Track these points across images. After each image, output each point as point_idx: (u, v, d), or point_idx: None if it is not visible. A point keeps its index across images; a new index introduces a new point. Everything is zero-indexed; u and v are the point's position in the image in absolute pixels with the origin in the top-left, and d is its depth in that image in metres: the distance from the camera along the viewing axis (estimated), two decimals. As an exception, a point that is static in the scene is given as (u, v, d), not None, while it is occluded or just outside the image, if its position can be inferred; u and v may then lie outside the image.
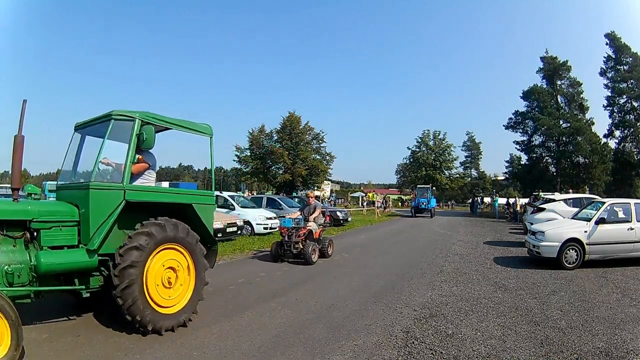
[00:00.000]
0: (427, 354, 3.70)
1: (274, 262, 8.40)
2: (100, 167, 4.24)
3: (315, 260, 8.28)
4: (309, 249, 8.15)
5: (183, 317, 4.20)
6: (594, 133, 30.70)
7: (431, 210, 27.74)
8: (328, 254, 9.08)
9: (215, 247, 5.09)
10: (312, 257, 8.17)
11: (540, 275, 7.44)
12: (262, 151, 33.91)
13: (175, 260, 4.24)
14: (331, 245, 9.42)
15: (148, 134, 4.12)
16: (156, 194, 4.39)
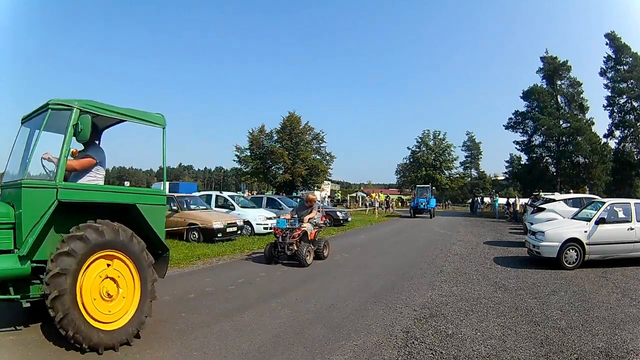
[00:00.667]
0: (427, 354, 3.70)
1: (268, 263, 8.19)
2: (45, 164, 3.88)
3: (309, 262, 8.06)
4: (303, 251, 7.92)
5: (126, 336, 3.65)
6: (594, 133, 30.70)
7: (431, 210, 27.14)
8: (324, 256, 8.85)
9: (167, 254, 4.53)
10: (306, 258, 7.95)
11: (540, 275, 7.44)
12: (262, 151, 33.90)
13: (115, 270, 3.72)
14: (327, 246, 9.16)
15: (84, 125, 3.64)
16: (93, 192, 3.85)
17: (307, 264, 7.95)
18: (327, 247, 9.19)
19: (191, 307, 5.12)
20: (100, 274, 3.62)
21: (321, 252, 8.78)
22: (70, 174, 4.14)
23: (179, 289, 6.12)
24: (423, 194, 28.49)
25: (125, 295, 3.77)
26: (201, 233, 11.37)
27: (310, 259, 8.13)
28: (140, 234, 3.96)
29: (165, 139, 4.63)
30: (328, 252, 9.13)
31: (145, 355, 3.57)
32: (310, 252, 8.19)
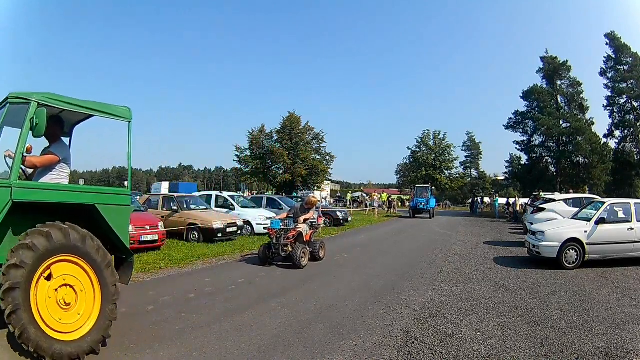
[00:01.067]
0: (427, 354, 3.70)
1: (262, 265, 7.95)
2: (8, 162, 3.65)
3: (304, 264, 7.84)
4: (298, 252, 7.71)
5: (91, 344, 3.42)
6: (594, 133, 30.68)
7: (430, 210, 26.50)
8: (320, 257, 8.59)
9: (131, 258, 4.22)
10: (301, 260, 7.75)
11: (540, 275, 7.44)
12: (262, 151, 33.90)
13: (72, 277, 3.45)
14: (323, 248, 8.90)
15: (39, 118, 3.39)
16: (50, 192, 3.60)
17: (302, 266, 7.75)
18: (323, 248, 8.94)
19: (191, 307, 5.12)
20: (56, 281, 3.36)
21: (317, 254, 8.52)
22: (35, 172, 3.98)
23: (179, 289, 6.12)
24: (423, 193, 27.81)
25: (86, 303, 3.53)
26: (201, 233, 11.37)
27: (305, 261, 7.92)
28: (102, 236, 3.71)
29: (131, 134, 4.26)
30: (324, 254, 8.89)
31: (145, 355, 3.57)
32: (305, 253, 7.98)
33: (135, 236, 8.93)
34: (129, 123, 4.26)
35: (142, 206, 11.64)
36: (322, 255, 8.79)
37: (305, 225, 8.42)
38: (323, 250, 8.88)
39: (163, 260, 8.38)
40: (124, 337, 3.99)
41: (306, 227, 8.44)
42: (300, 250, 7.78)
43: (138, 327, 4.31)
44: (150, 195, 16.28)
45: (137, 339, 3.95)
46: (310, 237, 8.62)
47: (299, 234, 8.18)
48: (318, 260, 8.51)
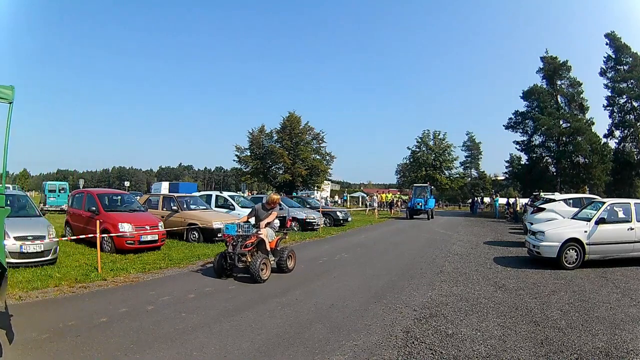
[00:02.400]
0: (427, 354, 3.70)
1: (218, 277, 6.86)
2: None
3: (265, 278, 6.59)
4: (256, 263, 6.44)
5: None
6: (594, 133, 30.66)
7: (428, 211, 24.77)
8: (288, 268, 7.36)
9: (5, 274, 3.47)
10: (260, 273, 6.47)
11: (540, 275, 7.44)
12: (262, 151, 33.94)
13: None
14: (292, 257, 7.65)
15: None
16: None
17: (262, 279, 6.50)
18: (293, 257, 7.67)
19: (191, 307, 5.12)
20: None
21: (284, 264, 7.28)
22: None
23: (179, 289, 6.12)
24: (421, 193, 26.16)
25: None
26: (201, 233, 11.36)
27: (266, 273, 6.65)
28: None
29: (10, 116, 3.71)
30: (293, 264, 7.62)
31: (145, 355, 3.57)
32: (267, 264, 6.73)
33: (135, 236, 8.93)
34: (10, 104, 3.71)
35: (142, 206, 11.63)
36: (291, 265, 7.54)
37: (268, 229, 7.26)
38: (292, 260, 7.64)
39: (163, 260, 8.38)
40: (124, 337, 3.99)
41: (271, 232, 7.36)
42: (259, 261, 6.51)
43: (138, 327, 4.32)
44: (150, 195, 16.28)
45: (137, 339, 3.96)
46: (277, 244, 7.46)
47: (260, 241, 6.97)
48: (285, 272, 7.27)
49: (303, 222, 15.45)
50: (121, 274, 7.01)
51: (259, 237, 6.94)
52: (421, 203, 24.82)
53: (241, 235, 6.87)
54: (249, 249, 6.80)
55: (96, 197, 9.87)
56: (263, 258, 6.67)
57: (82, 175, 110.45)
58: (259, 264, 6.49)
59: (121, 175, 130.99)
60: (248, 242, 6.83)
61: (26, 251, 6.90)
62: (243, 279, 6.70)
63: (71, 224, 10.51)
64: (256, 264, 6.46)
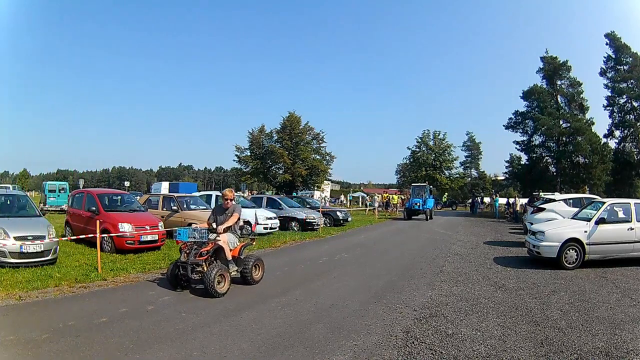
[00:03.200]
0: (427, 354, 3.70)
1: (173, 289, 5.98)
2: None
3: (223, 291, 5.64)
4: (211, 275, 5.49)
5: None
6: (594, 133, 30.66)
7: (427, 211, 23.70)
8: (253, 280, 6.40)
9: None
10: (216, 286, 5.52)
11: (540, 275, 7.44)
12: (262, 151, 33.95)
13: None
14: (260, 266, 6.67)
15: None
16: None
17: (218, 294, 5.55)
18: (260, 267, 6.70)
19: (191, 307, 5.12)
20: None
21: (248, 274, 6.32)
22: None
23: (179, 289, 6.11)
24: (419, 193, 25.15)
25: None
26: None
27: (224, 287, 5.70)
28: None
29: None
30: (261, 275, 6.66)
31: (145, 355, 3.57)
32: (224, 276, 5.77)
33: (135, 236, 8.93)
34: None
35: (142, 206, 11.63)
36: (258, 276, 6.59)
37: (229, 235, 6.27)
38: (259, 270, 6.66)
39: (163, 260, 8.38)
40: (124, 337, 3.99)
41: (232, 237, 6.35)
42: (215, 272, 5.55)
43: (138, 327, 4.32)
44: (150, 195, 16.28)
45: (137, 339, 3.96)
46: (240, 252, 6.40)
47: (217, 248, 6.02)
48: (251, 283, 6.36)
49: (303, 222, 15.46)
50: (121, 274, 7.01)
51: (216, 244, 5.96)
52: (419, 203, 23.84)
53: (197, 242, 5.96)
54: (204, 258, 5.84)
55: (96, 197, 9.87)
56: (220, 269, 5.72)
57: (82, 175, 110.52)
58: (214, 275, 5.53)
59: (121, 175, 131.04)
60: (203, 250, 5.86)
61: (26, 251, 6.89)
62: (200, 291, 5.81)
63: (71, 224, 10.50)
64: (211, 275, 5.50)
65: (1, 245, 6.73)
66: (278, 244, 11.66)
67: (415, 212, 24.14)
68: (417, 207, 23.77)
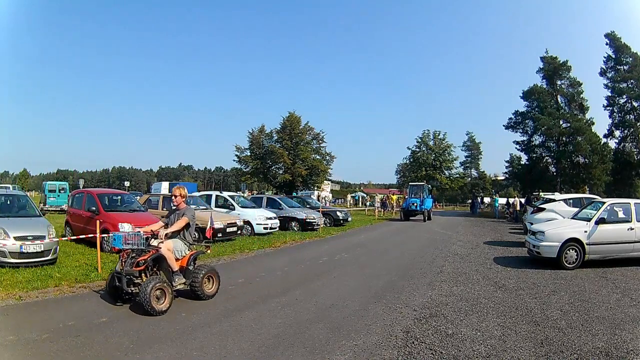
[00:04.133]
0: (427, 354, 3.70)
1: (114, 303, 5.13)
2: None
3: (161, 309, 4.68)
4: (147, 289, 4.57)
5: None
6: (594, 133, 30.69)
7: (424, 212, 22.54)
8: (205, 294, 5.38)
9: None
10: (152, 302, 4.59)
11: (540, 275, 7.44)
12: (262, 151, 33.94)
13: None
14: (213, 279, 5.61)
15: None
16: None
17: (156, 312, 4.61)
18: (214, 279, 5.63)
19: (191, 307, 5.12)
20: None
21: (198, 288, 5.31)
22: None
23: (179, 289, 6.11)
24: (417, 192, 24.10)
25: None
26: (201, 233, 11.36)
27: (163, 303, 4.75)
28: None
29: None
30: (215, 288, 5.61)
31: (145, 356, 3.57)
32: (165, 290, 4.80)
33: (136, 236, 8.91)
34: None
35: (142, 206, 11.63)
36: (211, 290, 5.54)
37: (176, 241, 5.28)
38: (212, 283, 5.61)
39: (163, 260, 8.37)
40: (124, 337, 4.00)
41: (180, 244, 5.31)
42: (151, 286, 4.63)
43: (138, 327, 4.32)
44: (150, 195, 16.28)
45: (137, 339, 3.96)
46: (189, 262, 5.36)
47: (157, 257, 5.06)
48: (202, 298, 5.37)
49: (303, 222, 15.46)
50: (121, 274, 7.00)
51: (157, 252, 5.02)
52: (416, 203, 22.68)
53: (135, 250, 5.06)
54: (141, 268, 4.92)
55: (96, 197, 9.87)
56: (158, 282, 4.76)
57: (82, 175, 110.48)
58: (151, 289, 4.58)
59: (121, 175, 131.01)
60: (141, 259, 4.96)
61: (26, 251, 6.88)
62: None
63: (71, 224, 10.50)
64: (146, 289, 4.56)
65: (1, 245, 6.73)
66: (278, 244, 11.66)
67: (412, 213, 23.01)
68: (415, 208, 22.67)
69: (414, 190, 24.75)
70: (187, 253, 5.41)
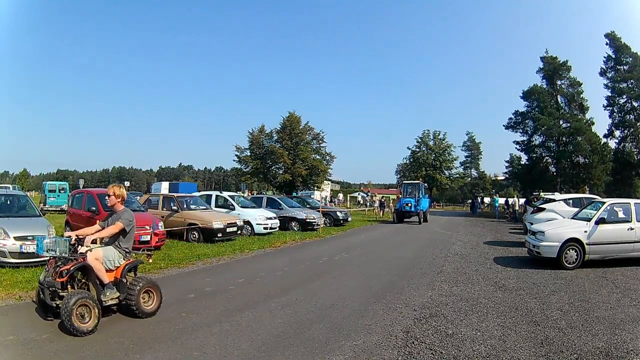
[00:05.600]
0: (427, 354, 3.70)
1: (44, 317, 4.42)
2: None
3: (85, 329, 3.94)
4: (68, 305, 3.88)
5: None
6: (594, 133, 30.69)
7: (420, 213, 20.41)
8: (142, 311, 4.58)
9: None
10: (74, 320, 3.90)
11: (540, 275, 7.44)
12: (262, 151, 33.93)
13: None
14: (153, 294, 4.77)
15: None
16: None
17: (79, 332, 3.90)
18: (154, 294, 4.78)
19: (191, 307, 5.12)
20: None
21: (134, 304, 4.52)
22: None
23: (179, 289, 6.12)
24: (412, 192, 21.72)
25: None
26: (201, 233, 11.37)
27: (89, 323, 4.00)
28: None
29: None
30: (156, 304, 4.77)
31: (145, 356, 3.57)
32: (89, 307, 4.03)
33: (135, 236, 8.91)
34: None
35: (142, 206, 11.63)
36: (150, 307, 4.70)
37: (107, 249, 4.55)
38: (152, 299, 4.76)
39: (163, 260, 8.38)
40: (124, 337, 3.99)
41: (113, 253, 4.55)
42: (74, 302, 3.92)
43: (138, 327, 4.32)
44: (150, 195, 16.28)
45: (137, 339, 3.96)
46: (123, 273, 4.58)
47: (81, 267, 4.28)
48: (141, 317, 4.57)
49: (303, 222, 15.47)
50: (121, 274, 7.00)
51: (82, 262, 4.24)
52: (411, 204, 20.53)
53: (62, 258, 4.31)
54: (64, 279, 4.18)
55: (96, 197, 9.87)
56: (82, 297, 4.00)
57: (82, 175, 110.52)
58: (72, 305, 3.90)
59: (121, 175, 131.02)
60: (64, 269, 4.19)
61: (26, 251, 6.88)
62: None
63: (71, 224, 10.50)
64: (67, 305, 3.89)
65: (1, 245, 6.73)
66: (278, 244, 11.66)
67: (406, 214, 20.98)
68: (409, 209, 20.53)
69: (409, 189, 22.43)
70: (120, 263, 4.60)
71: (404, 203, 20.88)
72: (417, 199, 21.01)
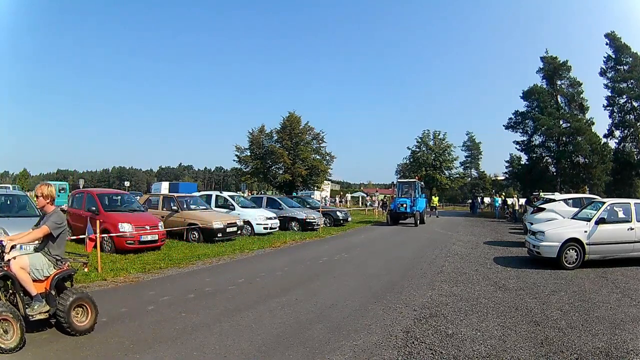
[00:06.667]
0: (427, 354, 3.70)
1: None
2: None
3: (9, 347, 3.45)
4: None
5: None
6: (594, 133, 30.67)
7: (416, 214, 18.95)
8: (74, 328, 3.97)
9: None
10: None
11: (540, 275, 7.44)
12: (262, 151, 33.92)
13: None
14: (88, 309, 4.17)
15: None
16: None
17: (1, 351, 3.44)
18: (89, 309, 4.17)
19: (191, 307, 5.12)
20: None
21: (65, 319, 3.92)
22: None
23: (179, 289, 6.12)
24: (407, 191, 20.40)
25: None
26: (201, 233, 11.37)
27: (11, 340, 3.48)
28: None
29: None
30: (91, 321, 4.15)
31: (145, 356, 3.57)
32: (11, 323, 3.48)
33: (135, 236, 8.93)
34: None
35: (142, 206, 11.63)
36: (84, 324, 4.10)
37: (34, 257, 4.01)
38: (87, 315, 4.17)
39: (163, 260, 8.38)
40: (124, 337, 3.99)
41: (40, 261, 4.00)
42: None
43: (138, 327, 4.32)
44: (150, 195, 16.29)
45: (137, 339, 3.96)
46: (52, 284, 4.00)
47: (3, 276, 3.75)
48: (73, 334, 3.97)
49: (303, 222, 15.47)
50: (121, 274, 7.01)
51: (5, 271, 3.73)
52: (406, 204, 19.02)
53: None
54: None
55: (96, 197, 9.88)
56: (3, 310, 3.48)
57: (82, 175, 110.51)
58: None
59: (121, 175, 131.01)
60: None
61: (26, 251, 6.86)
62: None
63: (71, 224, 10.47)
64: None
65: (1, 245, 6.72)
66: (278, 244, 11.66)
67: (401, 216, 19.51)
68: (404, 210, 19.05)
69: (404, 188, 20.99)
70: (50, 273, 4.04)
71: (399, 203, 19.36)
72: (413, 199, 19.68)
